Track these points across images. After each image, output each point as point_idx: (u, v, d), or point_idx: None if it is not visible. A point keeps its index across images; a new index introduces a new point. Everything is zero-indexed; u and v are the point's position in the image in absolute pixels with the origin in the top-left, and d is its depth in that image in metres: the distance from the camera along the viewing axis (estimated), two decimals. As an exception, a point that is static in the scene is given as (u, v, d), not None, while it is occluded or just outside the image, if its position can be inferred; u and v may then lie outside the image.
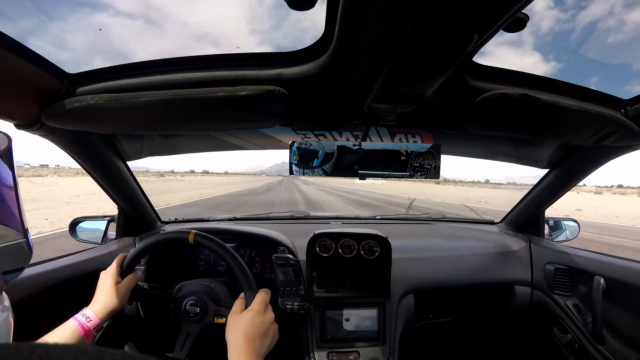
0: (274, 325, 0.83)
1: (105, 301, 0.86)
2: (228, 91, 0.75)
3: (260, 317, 0.80)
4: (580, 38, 0.82)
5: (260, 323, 0.79)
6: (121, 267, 0.96)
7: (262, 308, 0.82)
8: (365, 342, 1.34)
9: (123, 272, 0.95)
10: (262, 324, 0.79)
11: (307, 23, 0.65)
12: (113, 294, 0.88)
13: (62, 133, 0.95)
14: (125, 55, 0.84)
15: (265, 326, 0.79)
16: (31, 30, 0.70)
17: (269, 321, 0.81)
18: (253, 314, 0.80)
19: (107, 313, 0.85)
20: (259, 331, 0.77)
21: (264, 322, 0.80)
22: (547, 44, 0.81)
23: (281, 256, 1.30)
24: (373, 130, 1.17)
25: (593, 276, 1.27)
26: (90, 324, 0.81)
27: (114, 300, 0.87)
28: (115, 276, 0.92)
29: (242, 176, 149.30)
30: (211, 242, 0.94)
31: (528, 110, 0.84)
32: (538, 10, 0.66)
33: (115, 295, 0.88)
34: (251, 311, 0.80)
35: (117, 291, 0.89)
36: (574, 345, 1.36)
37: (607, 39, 0.84)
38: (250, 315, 0.79)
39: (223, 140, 1.36)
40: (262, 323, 0.79)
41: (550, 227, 1.70)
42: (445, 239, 1.76)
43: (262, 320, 0.80)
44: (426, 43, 0.59)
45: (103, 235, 1.49)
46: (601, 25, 0.81)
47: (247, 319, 0.78)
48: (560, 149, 1.31)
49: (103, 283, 0.91)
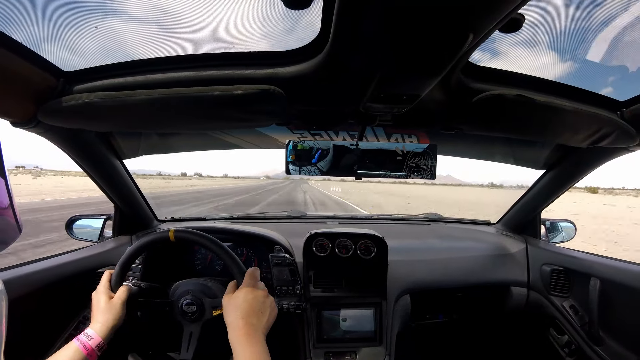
0: (268, 299, 0.84)
1: (103, 319, 0.86)
2: (224, 90, 0.75)
3: (252, 293, 0.81)
4: (576, 39, 0.83)
5: (254, 299, 0.80)
6: (110, 282, 0.96)
7: (252, 283, 0.83)
8: (361, 342, 1.34)
9: (113, 287, 0.95)
10: (256, 300, 0.80)
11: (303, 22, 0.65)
12: (109, 310, 0.88)
13: (58, 131, 0.95)
14: (121, 54, 0.84)
15: (259, 301, 0.80)
16: (27, 28, 0.70)
17: (262, 295, 0.82)
18: (245, 291, 0.81)
19: (108, 330, 0.85)
20: (254, 307, 0.79)
21: (257, 297, 0.81)
22: (544, 44, 0.81)
23: (278, 255, 1.30)
24: (369, 130, 1.17)
25: (590, 277, 1.27)
26: (92, 342, 0.81)
27: (112, 316, 0.87)
28: (106, 292, 0.92)
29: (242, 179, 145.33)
30: (193, 235, 0.95)
31: (524, 111, 0.84)
32: (534, 11, 0.66)
33: (111, 311, 0.88)
34: (242, 289, 0.82)
35: (112, 306, 0.89)
36: (570, 346, 1.37)
37: (603, 40, 0.84)
38: (242, 293, 0.81)
39: (219, 138, 1.36)
40: (256, 299, 0.80)
41: (546, 228, 1.71)
42: (441, 239, 1.76)
43: (255, 295, 0.81)
44: (421, 43, 0.59)
45: (100, 234, 1.49)
46: (597, 26, 0.81)
47: (241, 298, 0.80)
48: (556, 150, 1.32)
49: (97, 302, 0.90)
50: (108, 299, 0.90)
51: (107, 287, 0.94)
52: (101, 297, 0.91)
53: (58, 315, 1.15)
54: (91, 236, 1.49)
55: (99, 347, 0.82)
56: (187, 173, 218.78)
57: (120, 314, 0.89)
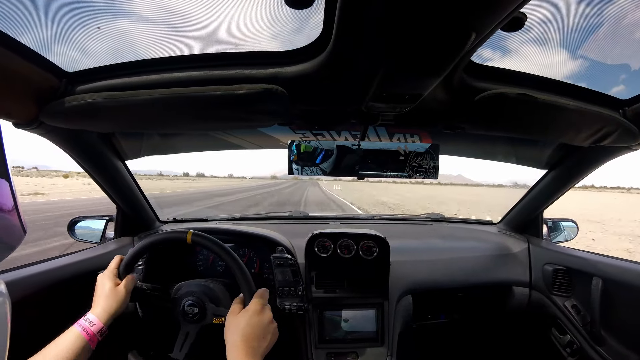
0: (272, 325, 0.82)
1: (106, 304, 0.85)
2: (226, 90, 0.75)
3: (258, 317, 0.80)
4: (579, 38, 0.82)
5: (258, 323, 0.79)
6: (118, 269, 0.95)
7: (259, 308, 0.81)
8: (363, 342, 1.34)
9: (121, 274, 0.94)
10: (260, 324, 0.79)
11: (305, 22, 0.65)
12: (113, 297, 0.87)
13: (61, 132, 0.95)
14: (124, 54, 0.84)
15: (262, 326, 0.79)
16: (30, 29, 0.70)
17: (267, 321, 0.81)
18: (250, 314, 0.80)
19: (109, 316, 0.84)
20: (257, 331, 0.77)
21: (262, 321, 0.80)
22: (546, 43, 0.81)
23: (280, 256, 1.29)
24: (371, 130, 1.17)
25: (592, 277, 1.27)
26: (94, 328, 0.80)
27: (115, 303, 0.86)
28: (113, 278, 0.91)
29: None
30: (209, 242, 0.94)
31: (526, 110, 0.84)
32: (536, 9, 0.66)
33: (115, 298, 0.87)
34: (248, 311, 0.80)
35: (117, 293, 0.88)
36: (572, 346, 1.36)
37: (606, 39, 0.84)
38: (247, 316, 0.79)
39: (221, 139, 1.36)
40: (260, 323, 0.79)
41: (548, 227, 1.70)
42: (443, 239, 1.76)
43: (260, 319, 0.79)
44: (424, 42, 0.59)
45: (101, 235, 1.48)
46: (600, 25, 0.80)
47: (245, 320, 0.78)
48: (558, 149, 1.31)
49: (102, 286, 0.89)
50: (114, 285, 0.89)
51: (115, 273, 0.93)
52: (107, 281, 0.89)
53: (59, 317, 1.15)
54: (93, 238, 1.48)
55: (101, 333, 0.81)
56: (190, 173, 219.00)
57: (124, 302, 0.88)
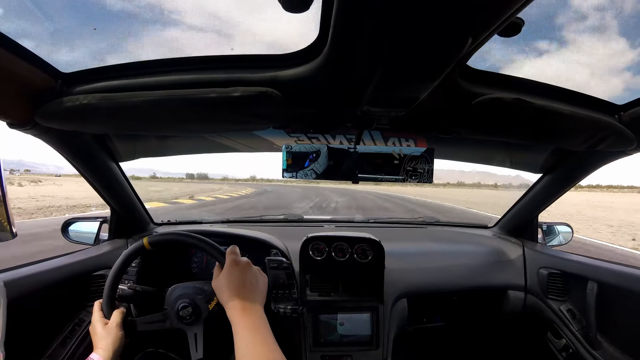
0: (252, 268, 0.85)
1: (104, 344, 0.86)
2: (221, 92, 0.75)
3: (234, 268, 0.82)
4: (575, 43, 0.82)
5: (239, 272, 0.81)
6: (102, 310, 0.96)
7: (233, 262, 0.83)
8: (358, 346, 1.33)
9: (106, 314, 0.95)
10: (241, 272, 0.81)
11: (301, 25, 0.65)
12: (108, 336, 0.88)
13: (55, 133, 0.95)
14: (120, 56, 0.83)
15: (242, 274, 0.81)
16: (26, 29, 0.69)
17: (245, 266, 0.83)
18: (227, 269, 0.82)
19: (110, 354, 0.85)
20: (242, 280, 0.80)
21: (242, 272, 0.82)
22: (542, 48, 0.81)
23: (274, 259, 1.28)
24: (367, 134, 1.17)
25: (587, 281, 1.27)
26: None
27: (111, 340, 0.88)
28: (101, 321, 0.93)
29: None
30: (166, 236, 0.96)
31: (522, 114, 0.84)
32: (533, 14, 0.66)
33: (110, 336, 0.88)
34: (226, 267, 0.83)
35: (110, 331, 0.89)
36: (568, 350, 1.36)
37: (602, 44, 0.84)
38: (226, 273, 0.81)
39: (216, 142, 1.35)
40: (241, 270, 0.81)
41: (543, 231, 1.70)
42: (438, 243, 1.76)
43: (239, 270, 0.82)
44: (420, 47, 0.59)
45: (95, 237, 1.48)
46: (596, 30, 0.81)
47: (225, 278, 0.81)
48: (554, 153, 1.32)
49: (94, 331, 0.91)
50: (104, 326, 0.91)
51: (101, 316, 0.94)
52: (97, 325, 0.91)
53: (54, 317, 1.14)
54: (87, 239, 1.47)
55: None
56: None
57: (119, 337, 0.90)
